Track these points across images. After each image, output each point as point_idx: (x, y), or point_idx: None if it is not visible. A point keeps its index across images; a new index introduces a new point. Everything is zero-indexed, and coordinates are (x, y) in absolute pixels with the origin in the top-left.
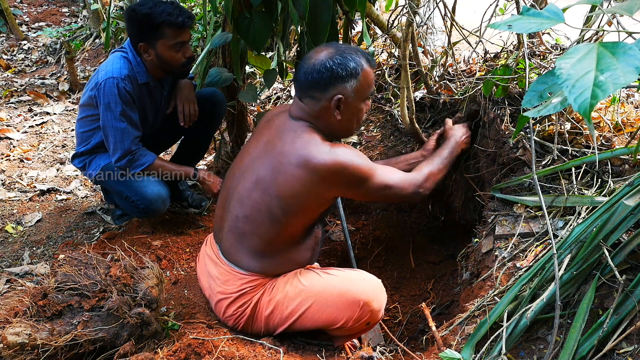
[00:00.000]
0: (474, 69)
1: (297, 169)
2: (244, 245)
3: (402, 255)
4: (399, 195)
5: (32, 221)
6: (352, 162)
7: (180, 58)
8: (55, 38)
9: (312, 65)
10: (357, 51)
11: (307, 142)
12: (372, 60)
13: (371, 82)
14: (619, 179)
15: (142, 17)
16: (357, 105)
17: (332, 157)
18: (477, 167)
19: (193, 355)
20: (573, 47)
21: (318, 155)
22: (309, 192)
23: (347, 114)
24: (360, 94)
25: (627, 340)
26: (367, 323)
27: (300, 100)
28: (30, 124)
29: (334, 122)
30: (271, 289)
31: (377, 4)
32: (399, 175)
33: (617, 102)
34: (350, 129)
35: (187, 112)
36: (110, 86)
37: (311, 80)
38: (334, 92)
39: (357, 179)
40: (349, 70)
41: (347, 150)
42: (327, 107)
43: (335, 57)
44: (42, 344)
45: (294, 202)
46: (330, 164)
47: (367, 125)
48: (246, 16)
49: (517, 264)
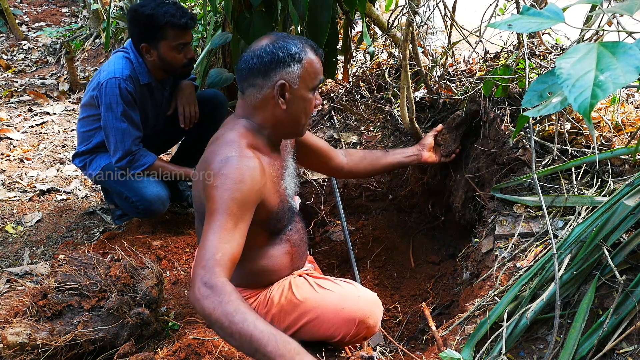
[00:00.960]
0: (474, 69)
1: (199, 171)
2: None
3: (402, 255)
4: (196, 261)
5: (32, 221)
6: (222, 184)
7: (182, 59)
8: (55, 38)
9: (252, 51)
10: (300, 39)
11: (226, 142)
12: (318, 49)
13: (318, 71)
14: (619, 179)
15: (145, 18)
16: (303, 95)
17: (222, 161)
18: (477, 167)
19: (193, 355)
20: (573, 46)
21: (219, 156)
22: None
23: (293, 104)
24: (306, 81)
25: (627, 340)
26: (364, 337)
27: (243, 94)
28: (30, 124)
29: (279, 113)
30: (266, 302)
31: (377, 4)
32: (221, 253)
33: (617, 102)
34: (299, 122)
35: (188, 114)
36: (112, 86)
37: (251, 66)
38: (276, 77)
39: (209, 197)
40: (290, 54)
41: (242, 168)
42: (271, 95)
43: (277, 42)
44: (42, 344)
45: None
46: (214, 165)
47: (367, 125)
48: (246, 16)
49: (517, 264)
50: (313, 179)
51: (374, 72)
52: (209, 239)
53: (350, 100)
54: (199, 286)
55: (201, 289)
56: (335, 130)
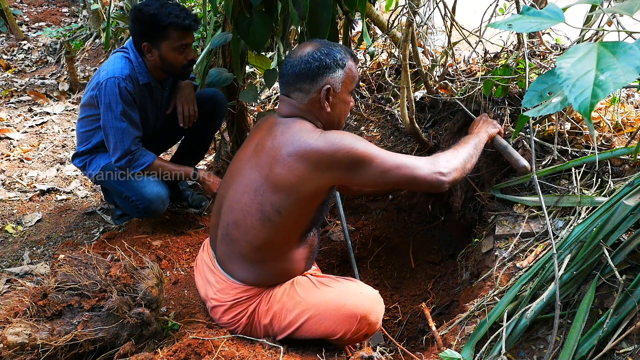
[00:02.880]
0: (474, 69)
1: (289, 158)
2: (236, 253)
3: (402, 255)
4: (414, 177)
5: (32, 221)
6: (347, 143)
7: (183, 60)
8: (55, 38)
9: (299, 57)
10: (341, 46)
11: (298, 130)
12: (355, 56)
13: (356, 76)
14: (619, 179)
15: (149, 18)
16: (344, 98)
17: (324, 140)
18: (477, 167)
19: (193, 355)
20: (573, 46)
21: (309, 140)
22: (303, 182)
23: (336, 107)
24: (347, 85)
25: (627, 340)
26: (365, 335)
27: (288, 97)
28: (30, 124)
29: (324, 115)
30: (268, 299)
31: (377, 4)
32: (411, 157)
33: (617, 102)
34: (340, 122)
35: (187, 113)
36: (111, 86)
37: (299, 72)
38: (323, 82)
39: (354, 161)
40: (336, 61)
41: (340, 133)
42: (317, 99)
43: (322, 49)
44: (42, 344)
45: (287, 196)
46: (322, 147)
47: (367, 125)
48: (246, 16)
49: (517, 264)
50: None
51: (374, 72)
52: (400, 158)
53: None
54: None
55: (443, 172)
56: None
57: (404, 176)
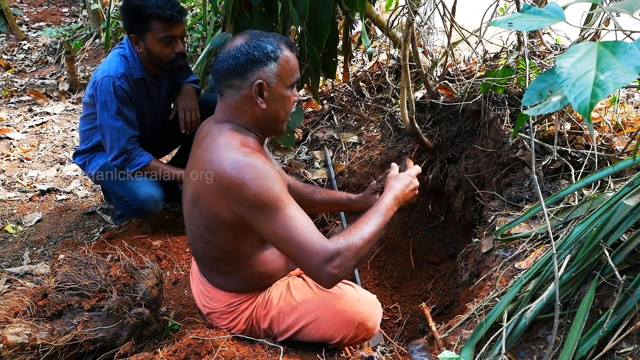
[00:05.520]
0: (474, 69)
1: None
2: (209, 268)
3: (402, 255)
4: (300, 259)
5: (32, 221)
6: (256, 179)
7: (170, 53)
8: (55, 38)
9: (226, 52)
10: (275, 36)
11: (220, 147)
12: (293, 46)
13: (294, 68)
14: (619, 179)
15: (133, 9)
16: (281, 92)
17: (238, 169)
18: (477, 167)
19: (193, 355)
20: (573, 46)
21: (225, 163)
22: (220, 206)
23: (272, 103)
24: (283, 79)
25: (627, 340)
26: (363, 339)
27: (221, 96)
28: (30, 124)
29: (259, 113)
30: (265, 304)
31: (377, 4)
32: (316, 233)
33: (617, 102)
34: (279, 120)
35: (189, 119)
36: (106, 85)
37: (227, 67)
38: (254, 77)
39: (257, 202)
40: (266, 53)
41: (257, 165)
42: (249, 95)
43: (251, 42)
44: (42, 344)
45: (214, 219)
46: (233, 177)
47: (367, 125)
48: (246, 16)
49: (517, 264)
50: (313, 179)
51: (374, 73)
52: (305, 229)
53: (350, 101)
54: (326, 269)
55: (332, 264)
56: (335, 130)
57: (293, 254)
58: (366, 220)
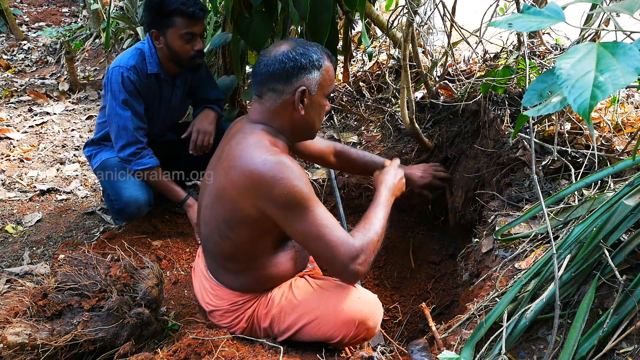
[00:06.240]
0: (474, 69)
1: (234, 172)
2: (219, 264)
3: (402, 255)
4: (328, 257)
5: (32, 221)
6: (288, 179)
7: (189, 50)
8: (55, 38)
9: (273, 56)
10: (317, 46)
11: (251, 144)
12: (332, 57)
13: (332, 79)
14: (619, 179)
15: (156, 4)
16: (319, 101)
17: (270, 166)
18: (477, 167)
19: (193, 355)
20: (573, 47)
21: (256, 159)
22: (242, 200)
23: (311, 110)
24: (323, 88)
25: (627, 340)
26: (364, 339)
27: (260, 98)
28: (30, 124)
29: (297, 118)
30: (266, 303)
31: (377, 4)
32: (342, 232)
33: (617, 103)
34: (314, 127)
35: (200, 142)
36: (115, 75)
37: (272, 71)
38: (298, 83)
39: (289, 202)
40: (312, 61)
41: (289, 165)
42: (290, 100)
43: (298, 48)
44: (42, 344)
45: (235, 214)
46: (265, 173)
47: (367, 125)
48: (246, 16)
49: (517, 264)
50: (313, 179)
51: (374, 73)
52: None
53: (350, 101)
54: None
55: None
56: (335, 130)
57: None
58: (374, 214)
